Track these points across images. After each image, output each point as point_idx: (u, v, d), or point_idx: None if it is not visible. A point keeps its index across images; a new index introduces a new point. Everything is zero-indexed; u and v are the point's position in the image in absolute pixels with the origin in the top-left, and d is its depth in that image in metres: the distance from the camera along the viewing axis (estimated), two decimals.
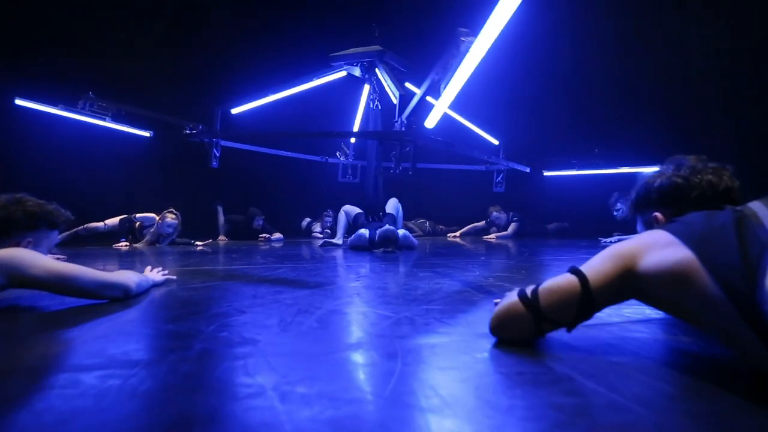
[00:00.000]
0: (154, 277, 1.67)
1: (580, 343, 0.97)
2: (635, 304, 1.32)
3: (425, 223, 6.62)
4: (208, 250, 3.92)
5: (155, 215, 4.52)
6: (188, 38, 6.09)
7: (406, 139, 3.30)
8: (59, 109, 4.45)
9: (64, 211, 1.58)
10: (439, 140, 3.86)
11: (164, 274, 1.82)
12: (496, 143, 5.52)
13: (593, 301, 0.85)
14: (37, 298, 1.48)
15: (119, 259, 2.98)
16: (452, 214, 6.80)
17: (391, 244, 3.58)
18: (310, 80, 4.84)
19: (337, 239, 4.24)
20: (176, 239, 4.54)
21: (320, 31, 6.32)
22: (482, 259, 3.06)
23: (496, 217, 6.24)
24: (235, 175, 5.51)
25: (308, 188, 6.77)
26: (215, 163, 4.37)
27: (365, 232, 3.65)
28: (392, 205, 4.23)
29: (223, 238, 5.37)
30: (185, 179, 5.68)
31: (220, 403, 0.65)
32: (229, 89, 5.52)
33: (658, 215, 1.03)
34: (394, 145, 3.49)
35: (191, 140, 4.36)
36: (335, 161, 6.44)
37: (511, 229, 6.10)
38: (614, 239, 5.42)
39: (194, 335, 1.01)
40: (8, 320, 1.22)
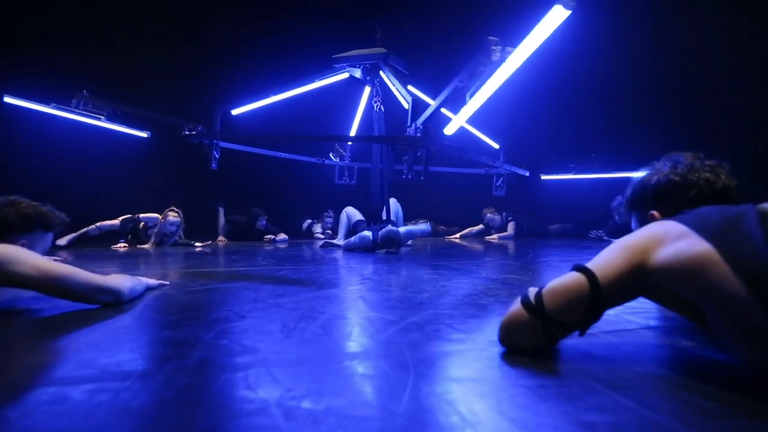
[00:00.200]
0: (148, 280, 1.62)
1: (599, 351, 0.92)
2: (650, 308, 1.28)
3: (427, 223, 6.57)
4: (207, 251, 3.87)
5: (158, 215, 4.47)
6: (187, 36, 6.04)
7: (422, 144, 3.24)
8: (51, 107, 4.30)
9: (58, 213, 1.54)
10: (452, 146, 3.81)
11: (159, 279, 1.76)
12: (496, 147, 5.46)
13: (603, 298, 0.80)
14: (32, 301, 1.43)
15: (119, 260, 2.93)
16: (452, 215, 6.78)
17: (393, 244, 3.54)
18: (312, 81, 4.77)
19: (338, 240, 4.20)
20: (178, 240, 4.50)
21: (321, 32, 6.27)
22: (486, 260, 3.01)
23: (490, 218, 6.21)
24: (234, 175, 5.44)
25: (308, 189, 6.74)
26: (215, 165, 4.29)
27: (368, 234, 3.61)
28: (391, 206, 4.19)
29: (222, 239, 5.31)
30: (184, 180, 5.61)
31: (219, 421, 0.59)
32: (229, 89, 5.46)
33: (654, 214, 1.00)
34: (406, 149, 3.43)
35: (190, 141, 4.29)
36: (332, 163, 6.42)
37: (510, 229, 6.07)
38: (600, 232, 5.39)
39: (192, 343, 0.95)
40: None
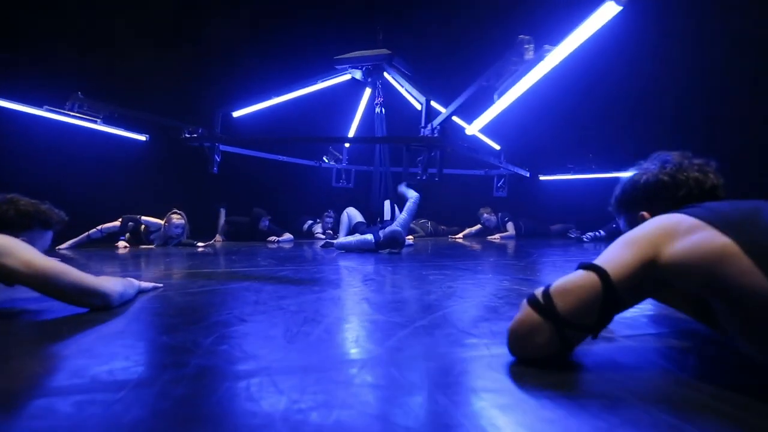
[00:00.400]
0: (140, 283, 1.56)
1: (622, 357, 0.87)
2: (667, 311, 1.23)
3: (427, 223, 6.55)
4: (210, 251, 3.82)
5: (160, 221, 4.43)
6: (187, 37, 5.97)
7: (439, 145, 3.17)
8: (44, 110, 4.11)
9: (57, 211, 1.50)
10: (466, 147, 3.75)
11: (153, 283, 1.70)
12: (497, 148, 5.41)
13: (617, 297, 0.75)
14: (25, 302, 1.37)
15: (119, 260, 2.87)
16: (453, 214, 6.74)
17: (396, 245, 3.49)
18: (314, 83, 4.70)
19: (339, 240, 4.16)
20: (183, 240, 4.47)
21: (322, 33, 6.21)
22: (491, 260, 2.96)
23: (486, 219, 6.16)
24: (233, 177, 5.36)
25: (306, 192, 6.72)
26: (215, 168, 4.20)
27: (369, 237, 3.56)
28: (387, 208, 4.15)
29: (218, 239, 5.25)
30: (184, 183, 5.53)
31: None
32: (229, 91, 5.39)
33: (644, 214, 0.98)
34: (420, 150, 3.37)
35: (190, 144, 4.20)
36: (330, 166, 6.40)
37: (510, 229, 6.02)
38: (592, 235, 5.34)
39: (190, 349, 0.90)
40: None
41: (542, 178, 6.42)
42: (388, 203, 4.14)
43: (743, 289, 0.65)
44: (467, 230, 6.36)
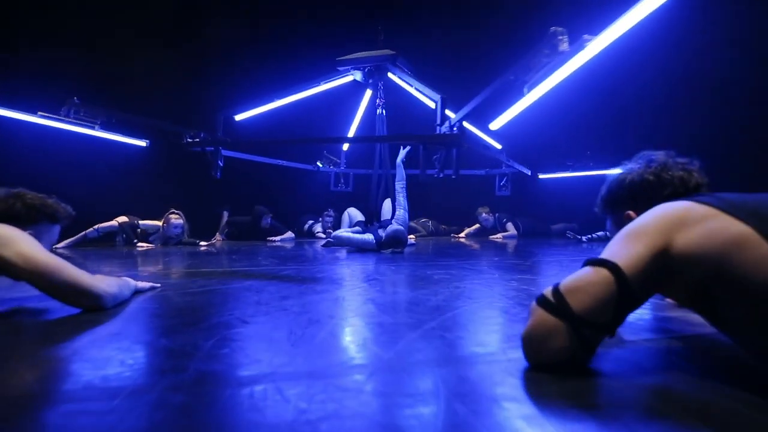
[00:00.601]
0: (137, 283, 1.51)
1: (647, 361, 0.82)
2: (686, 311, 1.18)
3: (428, 222, 6.51)
4: (213, 250, 3.78)
5: (158, 222, 4.39)
6: (187, 37, 5.90)
7: (457, 143, 3.11)
8: (38, 116, 3.97)
9: (64, 205, 1.48)
10: (483, 144, 3.69)
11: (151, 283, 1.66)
12: (499, 147, 5.36)
13: (631, 291, 0.71)
14: (19, 302, 1.33)
15: (119, 259, 2.82)
16: (454, 214, 6.69)
17: (399, 244, 3.44)
18: (317, 84, 4.64)
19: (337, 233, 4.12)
20: (183, 239, 4.43)
21: (322, 35, 6.18)
22: (495, 259, 2.91)
23: (484, 219, 6.10)
24: (235, 180, 5.25)
25: (307, 195, 6.71)
26: (218, 173, 4.12)
27: (370, 237, 3.52)
28: (387, 207, 4.10)
29: (218, 238, 5.21)
30: (185, 187, 5.47)
31: None
32: (231, 94, 5.33)
33: (630, 213, 0.98)
34: (437, 149, 3.32)
35: (192, 150, 4.13)
36: (328, 170, 6.38)
37: (511, 228, 5.96)
38: (589, 237, 5.27)
39: (190, 353, 0.85)
40: None
41: (541, 176, 6.35)
42: (388, 202, 4.09)
43: (759, 276, 0.64)
44: (467, 230, 6.32)
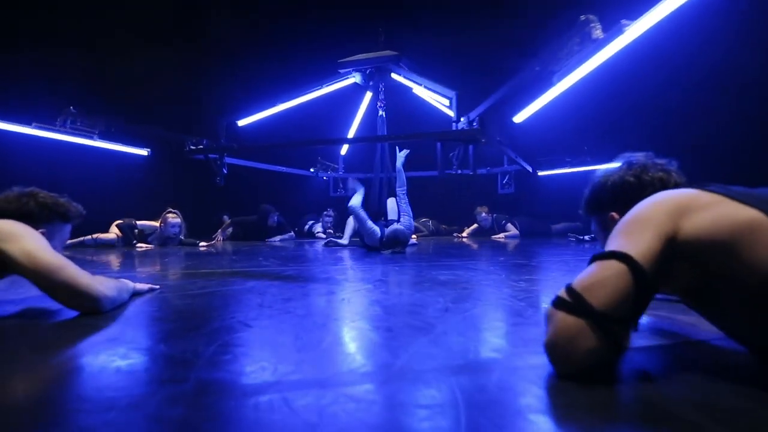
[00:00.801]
0: (135, 285, 1.47)
1: (672, 368, 0.77)
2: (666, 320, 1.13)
3: (428, 222, 6.47)
4: (212, 250, 3.74)
5: (155, 223, 4.35)
6: (187, 42, 5.85)
7: (477, 138, 3.05)
8: (33, 128, 3.83)
9: (75, 204, 1.47)
10: (498, 140, 3.63)
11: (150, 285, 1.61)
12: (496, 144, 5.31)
13: (648, 280, 0.69)
14: (21, 303, 1.28)
15: (119, 259, 2.78)
16: (454, 213, 6.64)
17: (399, 244, 3.40)
18: (319, 87, 4.59)
19: (343, 240, 4.09)
20: (183, 239, 4.39)
21: (322, 38, 6.14)
22: (501, 259, 2.86)
23: (484, 218, 6.03)
24: (236, 185, 5.18)
25: (307, 201, 6.67)
26: (221, 180, 4.06)
27: (377, 229, 3.48)
28: (392, 206, 4.05)
29: (219, 238, 5.19)
30: (187, 192, 5.43)
31: None
32: (231, 99, 5.30)
33: (614, 215, 0.99)
34: (455, 145, 3.27)
35: (194, 157, 4.07)
36: (327, 175, 6.37)
37: (512, 228, 5.91)
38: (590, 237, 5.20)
39: (190, 360, 0.80)
40: None
41: (541, 173, 6.26)
42: (392, 201, 4.04)
43: None
44: (467, 229, 6.27)
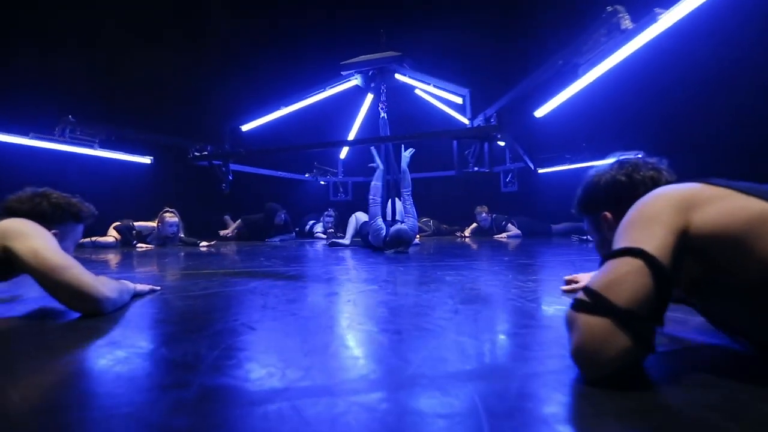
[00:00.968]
0: (135, 286, 1.43)
1: (704, 373, 0.73)
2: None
3: (429, 221, 6.44)
4: (213, 250, 3.70)
5: (152, 223, 4.32)
6: (187, 44, 5.81)
7: (494, 135, 3.01)
8: (31, 138, 3.71)
9: (87, 204, 1.46)
10: (510, 137, 3.59)
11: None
12: (502, 144, 5.27)
13: (667, 275, 0.66)
14: (19, 305, 1.24)
15: (118, 260, 2.74)
16: (455, 213, 6.60)
17: (402, 244, 3.36)
18: (323, 90, 4.55)
19: (345, 240, 4.06)
20: (183, 238, 4.37)
21: (325, 38, 6.11)
22: (505, 259, 2.82)
23: (483, 218, 5.99)
24: (236, 189, 5.17)
25: (307, 205, 6.65)
26: (227, 187, 4.01)
27: (383, 227, 3.44)
28: (399, 207, 4.02)
29: (229, 233, 5.20)
30: (188, 196, 5.39)
31: None
32: (234, 104, 5.26)
33: (607, 215, 1.00)
34: (470, 143, 3.23)
35: (198, 164, 4.01)
36: (326, 180, 6.32)
37: (514, 229, 5.86)
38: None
39: (193, 365, 0.77)
40: None
41: (541, 170, 6.20)
42: (398, 203, 4.01)
43: None
44: (468, 229, 6.24)
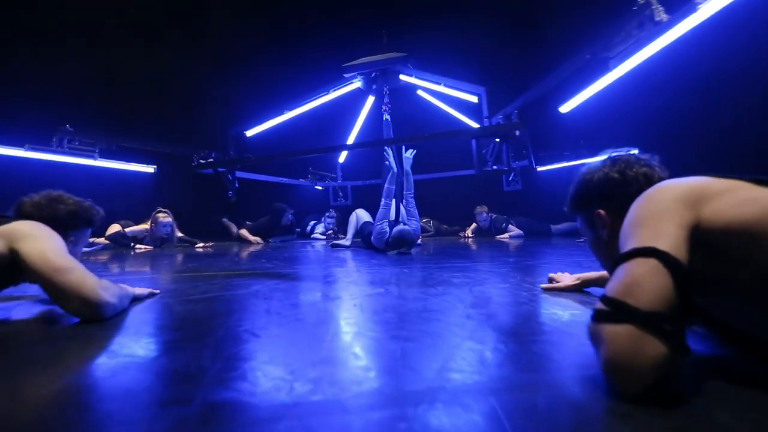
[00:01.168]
0: (134, 290, 1.38)
1: (740, 384, 0.69)
2: None
3: (429, 222, 6.40)
4: (211, 251, 3.65)
5: (144, 226, 4.28)
6: (189, 49, 5.76)
7: (518, 131, 2.98)
8: (26, 150, 3.60)
9: (98, 208, 1.45)
10: (520, 134, 3.56)
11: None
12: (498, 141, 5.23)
13: (684, 273, 0.63)
14: (23, 308, 1.19)
15: (117, 259, 2.69)
16: (455, 213, 6.56)
17: (405, 245, 3.32)
18: (326, 93, 4.50)
19: (346, 240, 4.01)
20: (183, 237, 4.33)
21: (325, 40, 6.07)
22: (510, 261, 2.78)
23: (484, 219, 5.94)
24: (238, 195, 5.14)
25: (308, 209, 6.61)
26: (233, 194, 3.93)
27: (387, 228, 3.40)
28: (401, 210, 3.97)
29: (246, 234, 5.20)
30: (189, 198, 5.34)
31: None
32: (236, 110, 5.23)
33: (601, 212, 0.99)
34: (488, 142, 3.20)
35: (202, 172, 3.93)
36: (323, 185, 6.27)
37: (515, 229, 5.82)
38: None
39: (195, 376, 0.72)
40: None
41: (540, 168, 6.14)
42: (401, 205, 3.96)
43: None
44: (468, 229, 6.21)
